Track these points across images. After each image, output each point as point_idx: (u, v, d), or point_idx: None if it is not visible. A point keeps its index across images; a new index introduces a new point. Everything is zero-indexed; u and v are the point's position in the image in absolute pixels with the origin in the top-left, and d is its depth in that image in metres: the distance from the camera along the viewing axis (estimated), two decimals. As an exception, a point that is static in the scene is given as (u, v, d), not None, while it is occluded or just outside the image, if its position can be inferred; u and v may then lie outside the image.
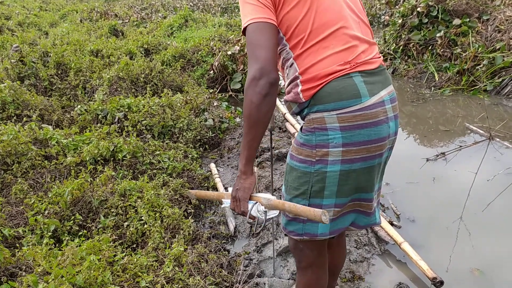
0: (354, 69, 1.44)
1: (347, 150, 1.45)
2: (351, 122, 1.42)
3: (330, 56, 1.43)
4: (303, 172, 1.52)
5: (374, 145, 1.47)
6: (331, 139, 1.44)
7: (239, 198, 1.54)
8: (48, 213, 2.80)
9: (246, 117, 1.42)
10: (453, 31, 6.90)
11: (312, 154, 1.49)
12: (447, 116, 5.50)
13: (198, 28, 10.07)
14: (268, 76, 1.35)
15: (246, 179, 1.53)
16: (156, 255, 2.53)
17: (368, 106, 1.43)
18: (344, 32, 1.45)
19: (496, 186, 3.64)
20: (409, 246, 2.77)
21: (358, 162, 1.47)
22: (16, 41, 8.09)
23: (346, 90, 1.41)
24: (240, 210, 1.55)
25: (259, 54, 1.36)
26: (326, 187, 1.51)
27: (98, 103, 4.54)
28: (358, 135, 1.43)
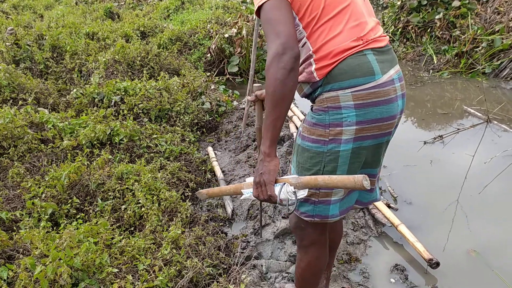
0: (367, 46, 1.43)
1: (360, 128, 1.45)
2: (365, 100, 1.42)
3: (343, 31, 1.42)
4: (315, 152, 1.52)
5: (386, 122, 1.48)
6: (345, 117, 1.44)
7: (265, 182, 1.44)
8: (45, 197, 2.80)
9: (270, 94, 1.36)
10: (452, 13, 6.85)
11: (325, 134, 1.48)
12: (445, 99, 5.49)
13: (195, 10, 9.95)
14: (292, 51, 1.31)
15: (270, 161, 1.44)
16: (154, 238, 2.54)
17: (381, 84, 1.44)
18: (354, 8, 1.45)
19: (493, 169, 3.65)
20: (406, 228, 2.78)
21: (369, 139, 1.49)
22: (11, 24, 7.98)
23: (361, 67, 1.41)
24: (267, 195, 1.44)
25: (281, 29, 1.33)
26: (338, 166, 1.51)
27: (94, 87, 4.50)
28: (372, 112, 1.44)
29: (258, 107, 2.03)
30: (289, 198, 1.43)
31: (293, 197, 1.42)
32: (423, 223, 3.04)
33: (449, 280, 2.52)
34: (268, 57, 1.34)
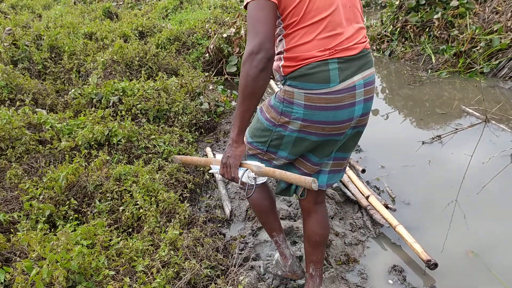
0: (333, 56, 1.56)
1: (304, 125, 1.65)
2: (315, 103, 1.59)
3: (312, 41, 1.55)
4: (266, 128, 1.77)
5: (330, 126, 1.65)
6: (294, 112, 1.64)
7: (230, 165, 1.68)
8: (43, 198, 2.79)
9: (241, 89, 1.52)
10: (451, 13, 6.84)
11: (277, 118, 1.71)
12: (444, 98, 5.49)
13: (193, 10, 9.95)
14: (266, 51, 1.45)
15: (237, 147, 1.67)
16: (152, 239, 2.53)
17: (335, 91, 1.58)
18: (332, 19, 1.55)
19: (491, 169, 3.65)
20: (404, 229, 2.78)
21: (312, 135, 1.68)
22: (9, 24, 7.96)
23: (318, 75, 1.56)
24: (231, 176, 1.69)
25: (259, 29, 1.45)
26: (282, 144, 1.76)
27: (93, 87, 4.49)
28: (318, 115, 1.61)
29: None
30: (249, 182, 1.66)
31: (253, 182, 1.66)
32: (421, 224, 3.04)
33: (447, 281, 2.52)
34: (245, 53, 1.48)
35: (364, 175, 3.63)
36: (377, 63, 7.42)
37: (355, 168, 3.65)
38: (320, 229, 2.05)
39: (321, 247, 2.08)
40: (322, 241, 2.07)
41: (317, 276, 2.12)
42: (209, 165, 1.91)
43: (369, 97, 1.72)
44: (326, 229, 2.08)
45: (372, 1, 13.89)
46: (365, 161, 3.97)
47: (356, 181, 3.39)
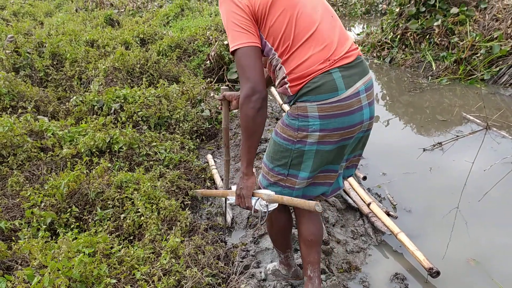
0: (334, 65, 1.66)
1: (323, 135, 1.72)
2: (328, 112, 1.68)
3: (311, 57, 1.66)
4: (285, 148, 1.80)
5: (346, 130, 1.74)
6: (311, 125, 1.71)
7: (244, 196, 1.82)
8: (45, 206, 2.79)
9: (244, 129, 1.69)
10: (451, 20, 6.87)
11: (294, 135, 1.76)
12: (444, 105, 5.50)
13: (194, 17, 9.99)
14: (259, 93, 1.61)
15: (248, 179, 1.81)
16: (153, 247, 2.53)
17: (344, 98, 1.68)
18: (318, 34, 1.67)
19: (492, 176, 3.65)
20: (406, 237, 2.78)
21: (331, 144, 1.75)
22: (11, 31, 8.00)
23: (325, 85, 1.65)
24: (245, 205, 1.83)
25: (250, 75, 1.60)
26: (303, 161, 1.80)
27: (94, 94, 4.51)
28: (334, 122, 1.70)
29: (225, 107, 2.28)
30: (261, 210, 1.80)
31: (265, 209, 1.79)
32: (423, 231, 3.04)
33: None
34: (241, 97, 1.63)
35: (365, 182, 3.63)
36: (378, 70, 7.44)
37: (356, 175, 3.65)
38: (314, 228, 2.10)
39: (316, 247, 2.11)
40: (317, 241, 2.11)
41: (315, 278, 2.12)
42: (227, 196, 2.09)
43: (371, 100, 1.82)
44: (320, 228, 2.13)
45: (372, 8, 13.97)
46: (366, 168, 3.97)
47: (357, 188, 3.39)
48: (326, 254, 2.69)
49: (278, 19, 1.65)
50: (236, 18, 1.63)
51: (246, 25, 1.64)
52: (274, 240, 2.28)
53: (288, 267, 2.35)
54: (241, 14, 1.63)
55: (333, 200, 3.32)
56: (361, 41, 9.01)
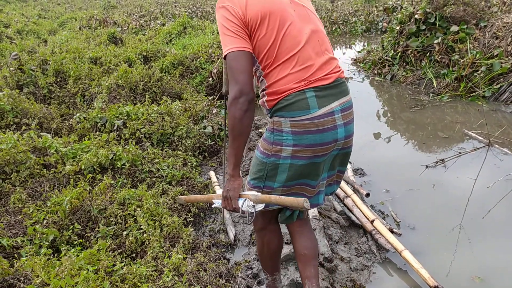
0: (308, 86, 1.74)
1: (296, 150, 1.78)
2: (300, 128, 1.75)
3: (288, 75, 1.74)
4: (261, 161, 1.88)
5: (319, 147, 1.79)
6: (285, 139, 1.79)
7: (230, 197, 1.83)
8: (47, 223, 2.78)
9: (230, 130, 1.72)
10: (451, 38, 6.93)
11: (269, 149, 1.84)
12: (446, 122, 5.51)
13: (196, 35, 10.08)
14: (247, 95, 1.65)
15: (234, 181, 1.83)
16: (156, 265, 2.51)
17: (316, 116, 1.75)
18: (302, 54, 1.76)
19: (496, 193, 3.64)
20: (410, 254, 2.75)
21: (304, 159, 1.80)
22: (15, 49, 8.09)
23: (298, 103, 1.74)
24: (232, 207, 1.84)
25: (238, 77, 1.65)
26: (277, 174, 1.86)
27: (97, 111, 4.53)
28: (306, 139, 1.76)
29: None
30: (249, 211, 1.81)
31: (252, 210, 1.81)
32: (427, 248, 3.02)
33: (454, 307, 2.48)
34: (229, 99, 1.69)
35: (368, 199, 3.61)
36: (379, 87, 7.48)
37: (360, 192, 3.64)
38: (307, 242, 2.13)
39: (312, 261, 2.12)
40: (312, 255, 2.12)
41: None
42: (211, 200, 2.05)
43: (348, 121, 1.87)
44: (313, 242, 2.15)
45: (372, 26, 14.11)
46: (369, 185, 3.96)
47: (360, 205, 3.38)
48: (330, 272, 2.67)
49: (265, 36, 1.73)
50: (229, 24, 1.71)
51: (238, 31, 1.70)
52: (263, 262, 2.30)
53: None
54: (234, 21, 1.71)
55: (336, 217, 3.31)
56: (362, 58, 9.08)
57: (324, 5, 18.89)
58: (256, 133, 5.00)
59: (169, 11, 17.77)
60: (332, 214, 3.33)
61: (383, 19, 13.52)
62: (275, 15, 1.74)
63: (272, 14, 1.74)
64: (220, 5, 1.76)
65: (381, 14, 14.25)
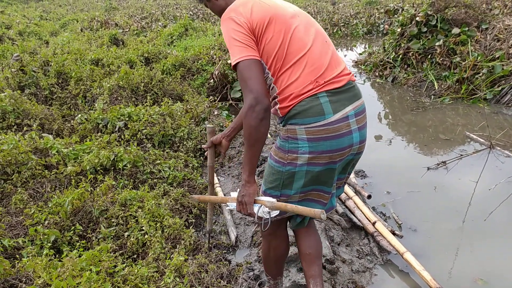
0: (321, 89, 1.72)
1: (312, 157, 1.76)
2: (316, 135, 1.73)
3: (299, 78, 1.73)
4: (277, 170, 1.86)
5: (336, 153, 1.77)
6: (300, 147, 1.76)
7: (246, 202, 1.83)
8: (48, 223, 2.78)
9: (246, 138, 1.72)
10: (452, 40, 6.93)
11: (285, 157, 1.81)
12: (447, 124, 5.51)
13: (198, 37, 10.10)
14: (262, 103, 1.64)
15: (250, 186, 1.81)
16: (157, 266, 2.51)
17: (331, 122, 1.72)
18: (310, 55, 1.75)
19: (497, 195, 3.63)
20: (412, 256, 2.75)
21: (321, 166, 1.78)
22: (17, 50, 8.10)
23: (312, 109, 1.72)
24: (247, 212, 1.84)
25: (252, 86, 1.65)
26: (294, 181, 1.84)
27: (99, 112, 4.53)
28: (322, 145, 1.74)
29: (211, 151, 2.39)
30: (264, 217, 1.80)
31: (268, 216, 1.80)
32: (429, 250, 3.01)
33: (456, 310, 2.48)
34: (244, 107, 1.68)
35: (370, 201, 3.61)
36: (380, 89, 7.48)
37: (361, 194, 3.64)
38: (312, 242, 2.15)
39: (316, 261, 2.14)
40: (316, 255, 2.14)
41: None
42: (226, 202, 2.07)
43: (362, 125, 1.85)
44: (318, 242, 2.17)
45: (374, 29, 14.12)
46: (370, 187, 3.96)
47: (362, 207, 3.38)
48: (332, 274, 2.66)
49: (272, 39, 1.73)
50: (237, 35, 1.71)
51: (246, 40, 1.71)
52: (267, 266, 2.29)
53: None
54: (241, 31, 1.71)
55: (338, 219, 3.30)
56: (363, 60, 9.08)
57: (325, 7, 18.92)
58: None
59: (170, 13, 17.80)
60: (334, 216, 3.33)
61: (384, 21, 13.53)
62: (281, 19, 1.76)
63: (278, 18, 1.76)
64: (226, 17, 1.77)
65: (382, 16, 14.25)
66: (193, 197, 2.38)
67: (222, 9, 1.91)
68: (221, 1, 1.94)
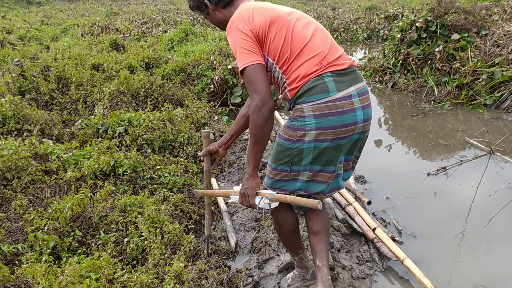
0: (325, 70, 1.92)
1: (318, 133, 1.93)
2: (322, 111, 1.90)
3: (305, 62, 1.93)
4: (286, 147, 2.01)
5: (340, 129, 1.93)
6: (307, 124, 1.93)
7: (248, 194, 2.02)
8: (48, 229, 2.78)
9: (252, 135, 1.92)
10: (452, 46, 6.95)
11: (294, 135, 1.98)
12: (447, 130, 5.51)
13: (198, 42, 10.13)
14: (268, 104, 1.85)
15: (253, 180, 2.02)
16: (157, 272, 2.50)
17: (335, 99, 1.90)
18: (311, 44, 1.95)
19: (497, 201, 3.62)
20: (412, 263, 2.74)
21: (327, 141, 1.95)
22: (17, 55, 8.13)
23: (317, 87, 1.90)
24: (249, 203, 2.05)
25: (258, 88, 1.85)
26: (303, 158, 2.00)
27: (99, 117, 4.54)
28: (327, 121, 1.91)
29: (208, 159, 2.57)
30: (265, 208, 2.01)
31: (268, 207, 2.02)
32: (429, 257, 3.00)
33: (457, 317, 2.46)
34: (251, 108, 1.88)
35: (369, 206, 3.60)
36: (380, 95, 7.48)
37: (361, 200, 3.63)
38: (319, 219, 2.27)
39: (323, 238, 2.26)
40: (324, 231, 2.27)
41: (323, 267, 2.21)
42: (228, 196, 2.25)
43: (366, 104, 2.02)
44: (326, 219, 2.30)
45: (373, 34, 14.16)
46: (370, 193, 3.95)
47: (362, 213, 3.37)
48: (332, 280, 2.64)
49: (276, 36, 1.93)
50: (243, 42, 1.91)
51: (252, 47, 1.91)
52: (284, 242, 2.41)
53: (306, 269, 2.45)
54: (246, 38, 1.91)
55: (338, 225, 3.30)
56: (363, 66, 9.10)
57: (326, 12, 18.98)
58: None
59: (171, 18, 17.86)
60: (334, 222, 3.32)
61: (384, 27, 13.57)
62: (280, 19, 1.97)
63: (277, 18, 1.96)
64: (231, 27, 1.96)
65: (382, 22, 14.31)
66: (197, 192, 2.51)
67: (220, 21, 2.17)
68: (219, 14, 2.16)
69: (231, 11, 2.09)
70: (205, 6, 2.16)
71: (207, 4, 2.15)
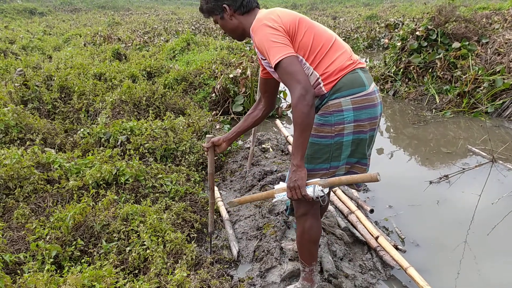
0: (356, 66, 2.03)
1: (356, 125, 2.02)
2: (360, 104, 2.01)
3: (339, 57, 2.02)
4: (324, 145, 2.06)
5: (373, 121, 2.07)
6: (346, 117, 2.00)
7: (299, 186, 1.96)
8: (50, 238, 2.77)
9: (298, 124, 1.88)
10: (453, 54, 6.97)
11: (331, 131, 2.03)
12: (449, 138, 5.51)
13: (200, 51, 10.18)
14: (310, 92, 1.86)
15: (302, 170, 1.96)
16: (159, 281, 2.49)
17: (369, 92, 2.03)
18: (337, 43, 2.07)
19: (500, 209, 3.62)
20: (415, 271, 2.72)
21: (364, 133, 2.06)
22: (20, 64, 8.16)
23: (357, 81, 2.01)
24: (301, 195, 1.98)
25: (300, 78, 1.87)
26: (342, 152, 2.07)
27: (101, 126, 4.55)
28: (364, 113, 2.02)
29: (211, 153, 2.54)
30: (319, 195, 1.98)
31: (323, 194, 1.98)
32: (432, 265, 2.99)
33: (461, 326, 2.45)
34: (294, 98, 1.87)
35: (372, 215, 3.59)
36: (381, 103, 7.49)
37: (363, 208, 3.62)
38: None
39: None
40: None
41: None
42: (272, 196, 2.19)
43: (381, 100, 2.15)
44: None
45: (374, 43, 14.21)
46: (372, 201, 3.95)
47: (364, 221, 3.36)
48: (335, 289, 2.64)
49: (305, 35, 2.00)
50: (275, 37, 1.93)
51: (284, 40, 1.94)
52: (302, 250, 2.37)
53: (312, 283, 2.43)
54: (278, 33, 1.94)
55: (340, 234, 3.29)
56: (364, 74, 9.11)
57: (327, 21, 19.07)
58: (260, 149, 5.00)
59: (172, 28, 17.96)
60: (336, 230, 3.31)
61: (385, 35, 13.63)
62: (306, 20, 2.06)
63: (303, 19, 2.05)
64: (259, 25, 1.97)
65: (383, 31, 14.37)
66: (233, 202, 2.41)
67: (235, 28, 2.16)
68: (235, 21, 2.15)
69: (248, 19, 2.11)
70: (221, 10, 2.13)
71: (226, 8, 2.11)
